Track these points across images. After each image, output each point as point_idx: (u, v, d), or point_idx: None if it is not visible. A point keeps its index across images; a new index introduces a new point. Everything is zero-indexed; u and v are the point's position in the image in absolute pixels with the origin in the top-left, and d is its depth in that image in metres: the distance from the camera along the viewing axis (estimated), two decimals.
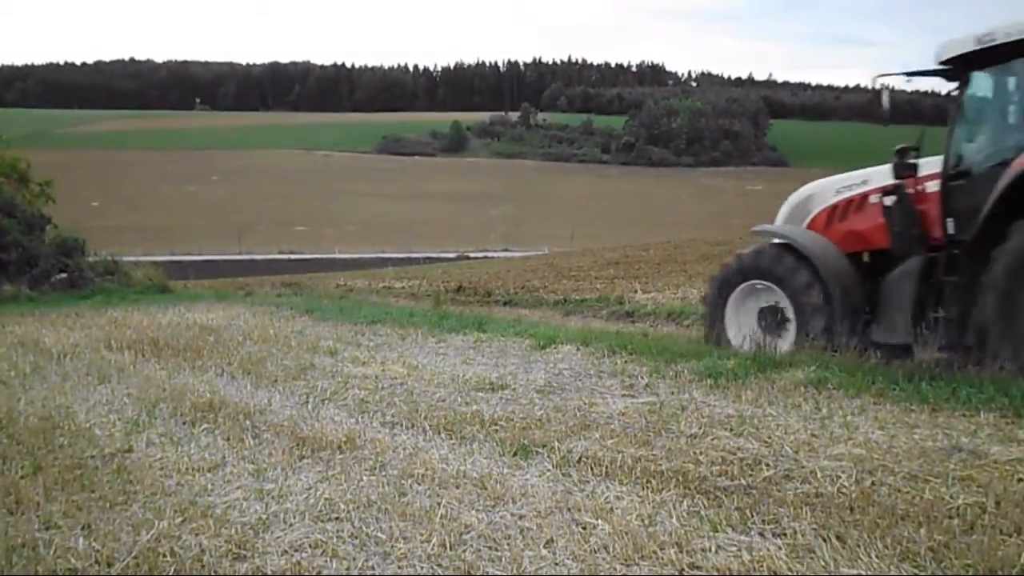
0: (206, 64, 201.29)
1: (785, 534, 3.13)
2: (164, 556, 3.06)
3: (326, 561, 3.02)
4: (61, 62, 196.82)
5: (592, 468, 3.99)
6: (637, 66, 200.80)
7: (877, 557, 2.87)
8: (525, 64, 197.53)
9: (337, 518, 3.42)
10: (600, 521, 3.28)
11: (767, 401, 5.15)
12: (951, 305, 6.18)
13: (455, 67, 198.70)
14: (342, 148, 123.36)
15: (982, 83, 6.47)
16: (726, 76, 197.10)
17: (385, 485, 3.80)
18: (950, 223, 6.34)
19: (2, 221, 16.44)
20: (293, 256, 31.02)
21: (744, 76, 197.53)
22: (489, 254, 45.55)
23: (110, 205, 62.06)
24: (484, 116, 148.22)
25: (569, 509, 3.44)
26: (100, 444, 4.66)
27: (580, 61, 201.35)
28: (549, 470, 4.00)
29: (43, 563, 3.04)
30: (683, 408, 5.05)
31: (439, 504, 3.52)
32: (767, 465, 3.92)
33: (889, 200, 6.77)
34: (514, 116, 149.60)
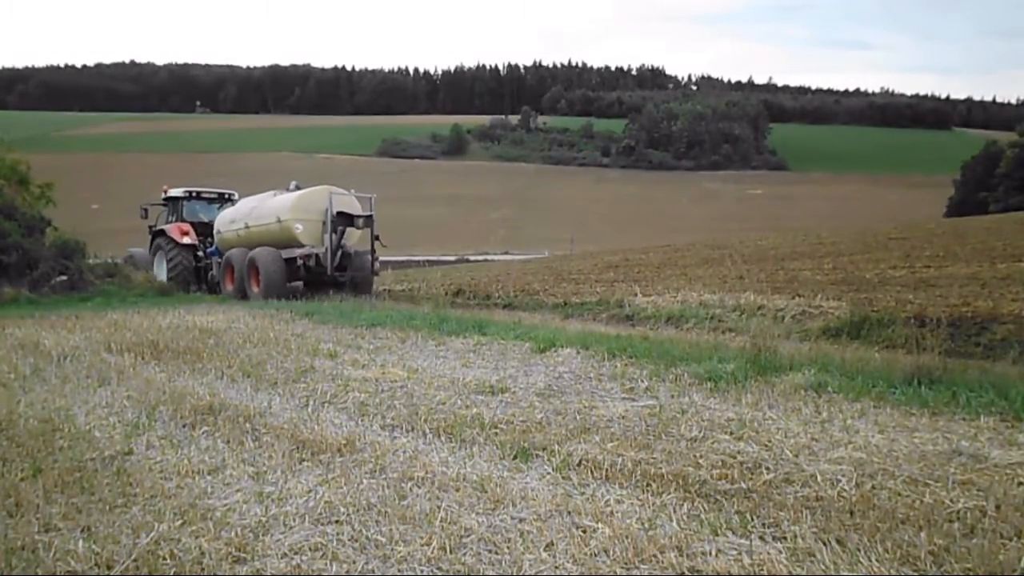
0: (207, 67, 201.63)
1: (785, 537, 3.12)
2: (164, 559, 3.06)
3: (326, 564, 3.01)
4: (62, 64, 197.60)
5: (592, 471, 4.00)
6: (637, 69, 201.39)
7: (877, 561, 2.87)
8: (525, 67, 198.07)
9: (337, 521, 3.42)
10: (600, 524, 3.27)
11: (767, 404, 5.15)
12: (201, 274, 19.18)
13: (455, 70, 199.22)
14: (342, 151, 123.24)
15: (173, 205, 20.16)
16: (726, 80, 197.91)
17: (385, 488, 3.80)
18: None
19: (3, 224, 16.44)
20: None
21: (744, 80, 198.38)
22: (489, 257, 45.53)
23: (110, 208, 62.05)
24: (484, 119, 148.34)
25: (569, 512, 3.43)
26: (100, 446, 4.66)
27: (580, 64, 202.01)
28: (549, 473, 4.00)
29: (43, 565, 3.04)
30: (683, 411, 5.05)
31: (439, 507, 3.51)
32: (767, 468, 3.92)
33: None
34: (514, 119, 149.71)
